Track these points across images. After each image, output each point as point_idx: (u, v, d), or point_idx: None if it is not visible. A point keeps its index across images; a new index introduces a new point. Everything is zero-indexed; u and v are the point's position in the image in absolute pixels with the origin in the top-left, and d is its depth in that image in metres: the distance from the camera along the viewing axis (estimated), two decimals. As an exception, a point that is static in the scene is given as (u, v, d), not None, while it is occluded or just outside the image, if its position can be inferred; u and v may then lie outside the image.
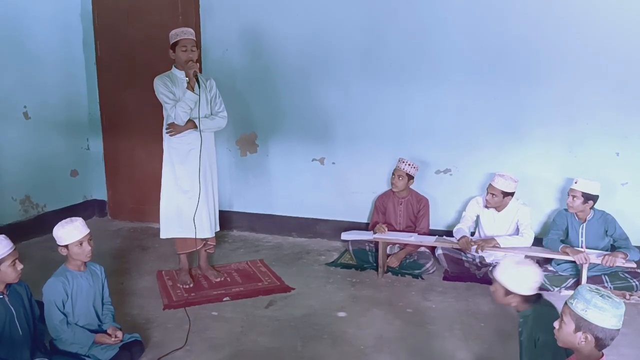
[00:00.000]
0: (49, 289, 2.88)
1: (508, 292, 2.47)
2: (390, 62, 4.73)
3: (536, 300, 2.51)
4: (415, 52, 4.65)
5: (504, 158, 4.54)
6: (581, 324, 1.90)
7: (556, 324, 2.02)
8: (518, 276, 2.46)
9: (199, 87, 3.82)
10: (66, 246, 2.90)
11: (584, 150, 4.36)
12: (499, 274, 2.50)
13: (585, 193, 3.91)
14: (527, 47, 4.36)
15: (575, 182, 3.95)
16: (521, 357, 2.55)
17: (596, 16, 4.19)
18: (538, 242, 4.16)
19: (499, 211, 4.25)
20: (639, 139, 4.23)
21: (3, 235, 2.69)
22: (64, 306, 2.91)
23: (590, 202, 3.93)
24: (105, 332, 2.98)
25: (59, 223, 2.91)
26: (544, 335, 2.35)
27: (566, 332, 1.95)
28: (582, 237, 4.00)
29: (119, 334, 2.96)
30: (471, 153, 4.64)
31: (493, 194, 4.16)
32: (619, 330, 1.91)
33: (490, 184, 4.19)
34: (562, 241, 4.04)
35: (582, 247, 3.97)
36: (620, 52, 4.17)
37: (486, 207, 4.27)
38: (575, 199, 3.94)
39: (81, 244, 2.91)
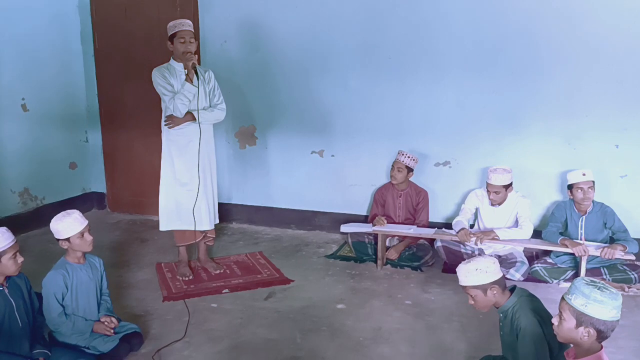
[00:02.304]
0: (49, 282, 2.89)
1: (486, 289, 2.48)
2: (389, 55, 4.72)
3: (512, 289, 2.55)
4: (414, 45, 4.64)
5: (503, 151, 4.54)
6: (582, 319, 1.90)
7: (555, 321, 2.01)
8: (480, 268, 2.49)
9: (198, 79, 3.80)
10: (67, 239, 2.90)
11: (583, 143, 4.36)
12: (467, 280, 2.51)
13: (594, 181, 3.95)
14: (527, 40, 4.35)
15: (584, 174, 3.94)
16: (504, 353, 2.56)
17: (596, 10, 4.17)
18: (537, 234, 4.17)
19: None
20: (638, 131, 4.22)
21: (4, 228, 2.70)
22: (63, 299, 2.92)
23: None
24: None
25: (56, 217, 2.91)
26: (525, 326, 2.39)
27: (567, 329, 1.94)
28: (581, 229, 4.01)
29: (113, 319, 2.98)
30: (470, 146, 4.64)
31: (496, 192, 4.14)
32: (618, 321, 1.91)
33: (488, 183, 4.16)
34: (561, 233, 4.05)
35: (581, 239, 3.98)
36: (619, 45, 4.15)
37: (492, 205, 4.25)
38: (591, 189, 3.94)
39: (82, 235, 2.92)
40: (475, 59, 4.51)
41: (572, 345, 2.05)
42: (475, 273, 2.48)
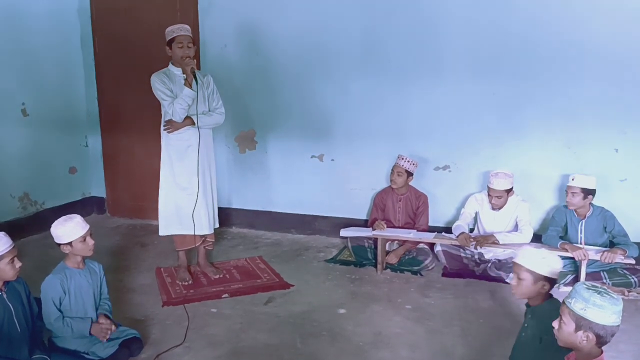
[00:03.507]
0: (47, 286, 2.88)
1: (538, 279, 2.42)
2: (389, 58, 4.73)
3: (550, 296, 2.50)
4: (414, 48, 4.64)
5: (502, 155, 4.54)
6: (581, 323, 1.90)
7: (555, 324, 2.01)
8: (546, 259, 2.43)
9: (196, 84, 3.81)
10: (69, 243, 2.90)
11: (582, 147, 4.36)
12: (528, 262, 2.44)
13: (584, 188, 3.92)
14: (526, 43, 4.35)
15: (572, 179, 3.96)
16: (515, 351, 2.53)
17: (595, 14, 4.17)
18: (537, 238, 4.17)
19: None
20: (637, 135, 4.22)
21: (2, 233, 2.68)
22: (60, 303, 2.91)
23: (590, 196, 3.95)
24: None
25: (57, 221, 2.91)
26: (550, 335, 2.34)
27: (567, 332, 1.95)
28: (581, 233, 4.01)
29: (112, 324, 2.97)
30: (470, 150, 4.64)
31: (498, 197, 4.15)
32: (618, 326, 1.91)
33: (489, 187, 4.17)
34: (561, 237, 4.04)
35: (581, 243, 3.97)
36: (619, 49, 4.15)
37: (492, 209, 4.25)
38: (574, 195, 3.94)
39: (85, 239, 2.92)
40: (475, 63, 4.51)
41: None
42: (540, 260, 2.43)
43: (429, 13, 4.56)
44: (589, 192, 3.94)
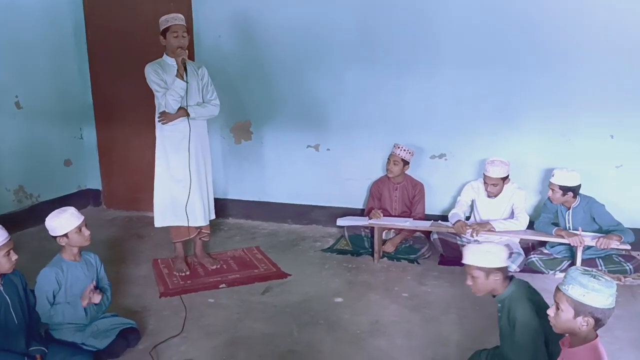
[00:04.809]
0: (42, 279, 2.89)
1: (489, 273, 2.47)
2: (384, 47, 4.71)
3: (511, 279, 2.54)
4: (409, 37, 4.62)
5: (498, 143, 4.54)
6: (580, 308, 1.90)
7: (551, 312, 2.00)
8: (490, 251, 2.48)
9: (186, 75, 3.77)
10: (65, 235, 2.89)
11: (578, 134, 4.36)
12: (474, 259, 2.49)
13: (563, 186, 3.89)
14: (522, 33, 4.34)
15: (552, 175, 3.94)
16: (502, 343, 2.56)
17: (591, 3, 4.16)
18: (532, 226, 4.17)
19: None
20: (633, 120, 4.22)
21: (-1, 225, 2.68)
22: (54, 297, 2.91)
23: (570, 193, 3.90)
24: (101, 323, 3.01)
25: (51, 214, 2.91)
26: (521, 316, 2.37)
27: (565, 319, 1.94)
28: (568, 223, 4.00)
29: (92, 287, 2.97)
30: (466, 138, 4.64)
31: (494, 184, 4.15)
32: (614, 308, 1.92)
33: (485, 175, 4.17)
34: (555, 224, 4.05)
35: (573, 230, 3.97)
36: (615, 37, 4.14)
37: (488, 197, 4.25)
38: (554, 192, 3.93)
39: (80, 230, 2.93)
40: (471, 52, 4.50)
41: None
42: (485, 255, 2.47)
43: (425, 2, 4.53)
44: (568, 189, 3.89)
